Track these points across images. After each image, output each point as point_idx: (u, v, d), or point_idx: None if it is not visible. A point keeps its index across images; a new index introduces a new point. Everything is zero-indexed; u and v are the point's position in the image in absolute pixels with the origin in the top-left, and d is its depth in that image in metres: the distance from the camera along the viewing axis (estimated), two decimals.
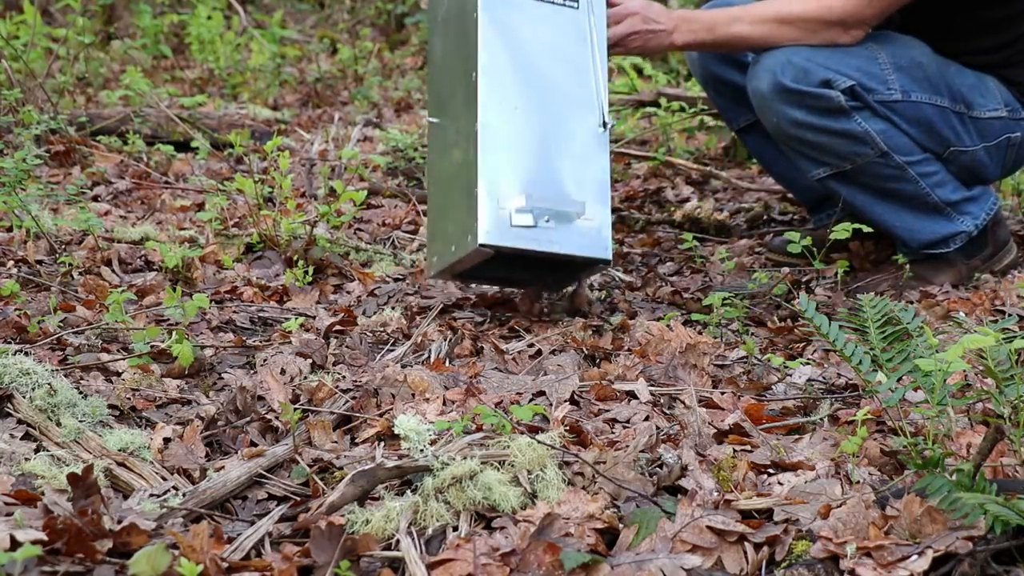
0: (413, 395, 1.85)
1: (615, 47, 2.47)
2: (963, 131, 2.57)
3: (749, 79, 2.54)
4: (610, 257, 2.27)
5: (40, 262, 2.57)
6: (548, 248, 2.22)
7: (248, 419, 1.78)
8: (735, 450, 1.63)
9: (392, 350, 2.16)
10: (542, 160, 2.26)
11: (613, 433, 1.72)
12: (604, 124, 2.31)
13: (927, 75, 2.53)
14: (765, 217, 3.37)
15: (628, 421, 1.78)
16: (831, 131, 2.47)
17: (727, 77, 2.82)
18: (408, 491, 1.48)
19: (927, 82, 2.53)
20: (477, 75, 2.23)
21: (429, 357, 2.10)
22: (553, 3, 2.31)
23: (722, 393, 1.90)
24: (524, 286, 2.46)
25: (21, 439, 1.62)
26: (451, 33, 2.41)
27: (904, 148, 2.51)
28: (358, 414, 1.80)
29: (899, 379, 1.60)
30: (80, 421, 1.67)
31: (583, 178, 2.27)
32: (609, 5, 2.42)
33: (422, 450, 1.58)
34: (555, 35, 2.31)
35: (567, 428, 1.68)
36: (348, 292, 2.58)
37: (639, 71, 4.90)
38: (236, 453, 1.66)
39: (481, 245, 2.18)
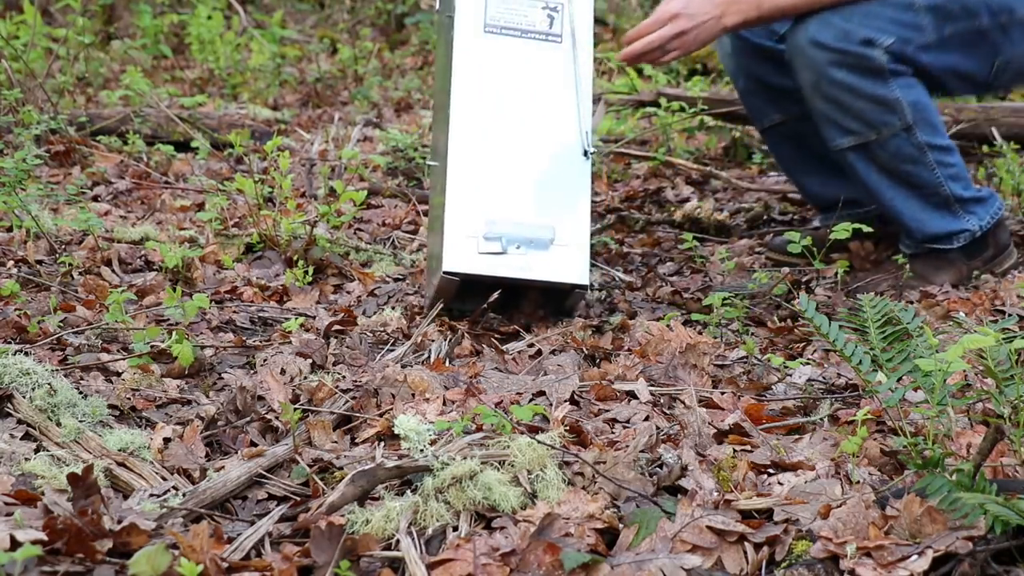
0: (413, 395, 1.85)
1: (668, 52, 2.49)
2: (1006, 40, 2.59)
3: (789, 42, 2.57)
4: (586, 283, 2.28)
5: (40, 262, 2.57)
6: (518, 275, 2.24)
7: (248, 419, 1.78)
8: (735, 450, 1.63)
9: (392, 350, 2.16)
10: (517, 189, 2.29)
11: (613, 433, 1.72)
12: (586, 153, 2.33)
13: (963, 2, 2.55)
14: (765, 217, 3.37)
15: (628, 421, 1.78)
16: (866, 95, 2.50)
17: (763, 75, 2.83)
18: (408, 491, 1.48)
19: (963, 9, 2.55)
20: (450, 108, 2.29)
21: (429, 357, 2.10)
22: (535, 38, 2.35)
23: (722, 393, 1.90)
24: (518, 310, 2.44)
25: (21, 439, 1.62)
26: (440, 70, 2.48)
27: (928, 127, 2.55)
28: (358, 414, 1.80)
29: (899, 379, 1.60)
30: (80, 421, 1.67)
31: (562, 206, 2.30)
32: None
33: (422, 450, 1.58)
34: (536, 69, 2.35)
35: (567, 428, 1.68)
36: (348, 292, 2.58)
37: (639, 71, 4.90)
38: (236, 453, 1.66)
39: (445, 272, 2.22)
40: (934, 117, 2.58)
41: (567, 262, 2.27)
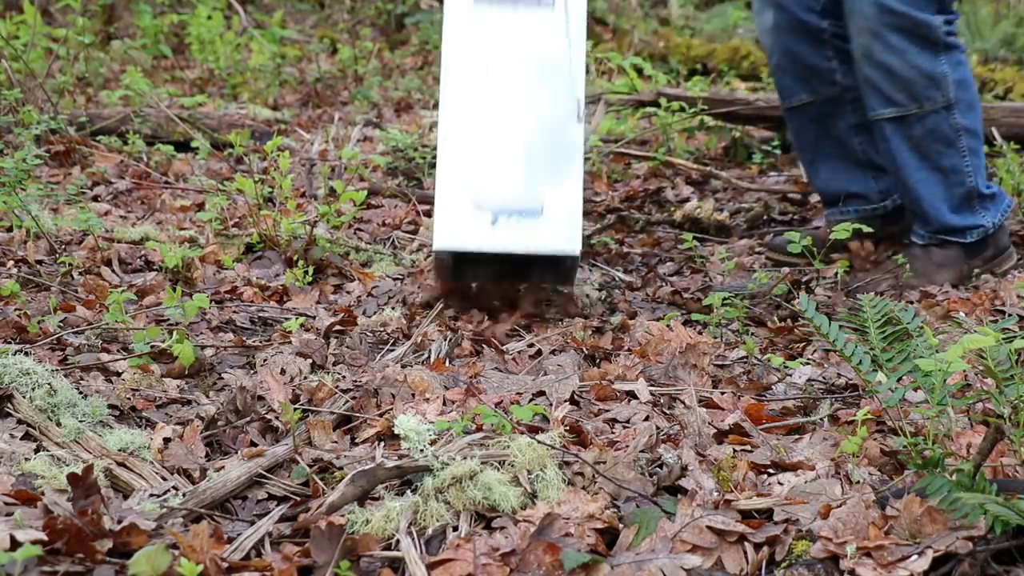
0: (413, 395, 1.85)
1: None
2: None
3: (849, 2, 2.60)
4: (577, 252, 2.25)
5: (40, 262, 2.57)
6: (509, 248, 2.23)
7: (248, 419, 1.78)
8: (735, 450, 1.63)
9: (392, 350, 2.16)
10: (508, 160, 2.27)
11: (613, 433, 1.72)
12: (579, 119, 2.30)
13: None
14: (765, 217, 3.37)
15: (628, 421, 1.78)
16: (916, 65, 2.55)
17: (798, 52, 2.83)
18: (408, 491, 1.48)
19: None
20: (441, 82, 2.29)
21: (429, 357, 2.10)
22: (527, 5, 2.33)
23: (722, 393, 1.90)
24: (519, 281, 2.45)
25: (21, 439, 1.62)
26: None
27: (967, 109, 2.61)
28: (358, 414, 1.80)
29: (899, 379, 1.60)
30: (80, 421, 1.67)
31: (554, 175, 2.27)
32: None
33: (422, 450, 1.58)
34: (528, 37, 2.33)
35: (567, 428, 1.68)
36: (348, 292, 2.58)
37: (639, 71, 4.90)
38: (236, 453, 1.66)
39: (436, 251, 2.22)
40: (975, 100, 2.64)
41: (558, 232, 2.24)
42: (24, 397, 1.69)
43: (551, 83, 2.32)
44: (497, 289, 2.47)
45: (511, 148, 2.28)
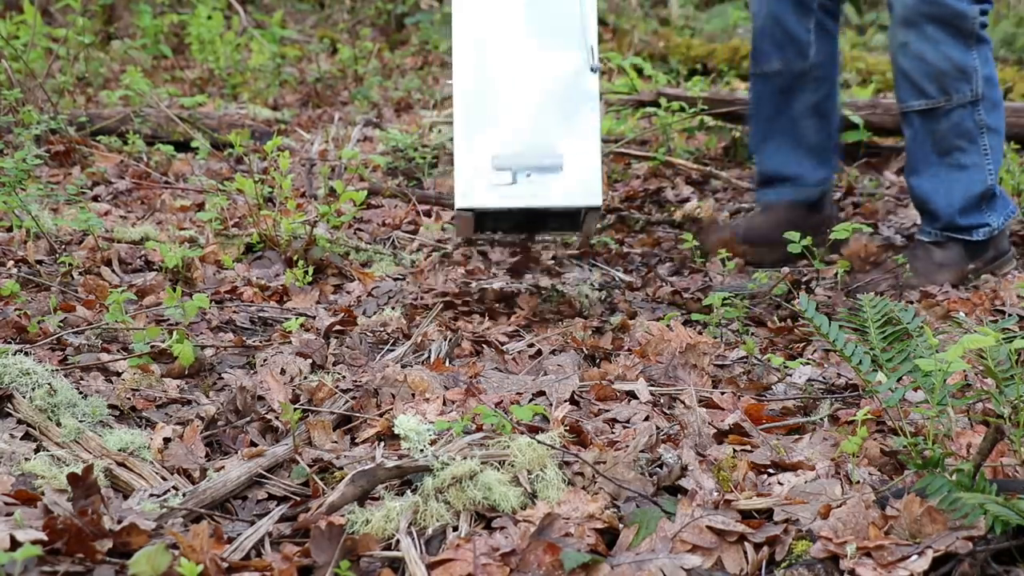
0: (413, 395, 1.85)
1: None
2: None
3: None
4: (599, 203, 2.25)
5: (40, 262, 2.57)
6: (530, 203, 2.23)
7: (248, 419, 1.78)
8: (735, 450, 1.63)
9: (392, 350, 2.16)
10: (524, 116, 2.26)
11: (613, 433, 1.72)
12: (593, 69, 2.28)
13: None
14: None
15: (628, 421, 1.78)
16: (949, 58, 2.60)
17: (783, 17, 2.86)
18: (408, 491, 1.48)
19: None
20: (453, 40, 2.28)
21: (429, 357, 2.10)
22: None
23: (722, 393, 1.90)
24: (537, 233, 2.50)
25: (21, 439, 1.62)
26: None
27: (992, 106, 2.66)
28: (358, 414, 1.80)
29: (899, 379, 1.60)
30: (80, 421, 1.67)
31: (570, 127, 2.26)
32: None
33: (422, 450, 1.58)
34: None
35: (567, 428, 1.67)
36: (348, 292, 2.58)
37: (639, 71, 4.90)
38: (236, 453, 1.66)
39: (458, 209, 2.24)
40: (999, 99, 2.68)
41: (579, 185, 2.24)
42: (24, 397, 1.69)
43: (563, 33, 2.30)
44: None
45: (526, 103, 2.27)
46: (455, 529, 1.42)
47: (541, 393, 1.88)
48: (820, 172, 2.94)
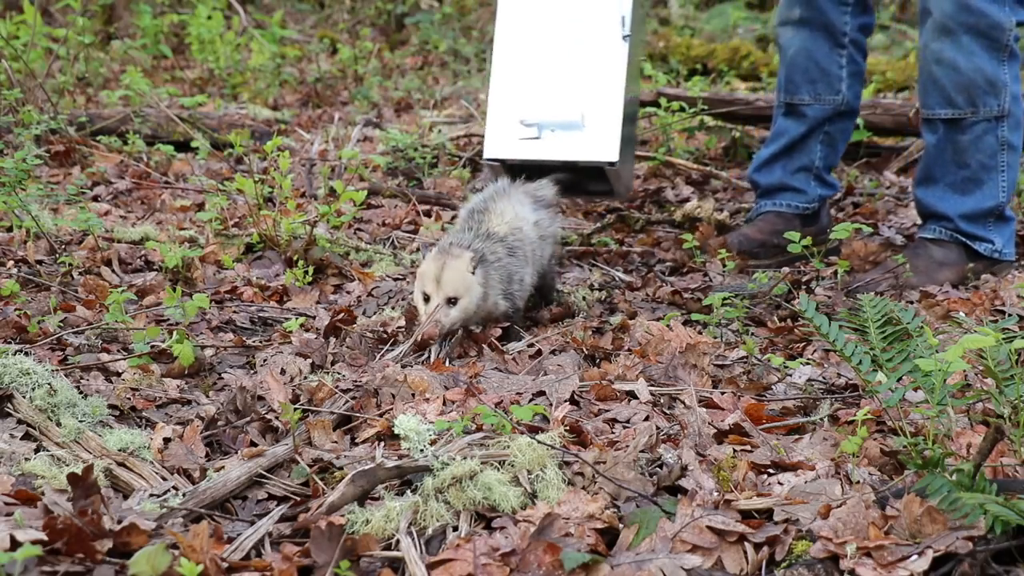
0: (413, 395, 1.85)
1: None
2: None
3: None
4: (614, 159, 2.51)
5: (40, 262, 2.57)
6: (552, 157, 2.53)
7: (248, 419, 1.78)
8: (735, 450, 1.63)
9: (392, 350, 2.16)
10: (553, 79, 2.55)
11: (613, 433, 1.72)
12: (624, 37, 2.53)
13: None
14: None
15: (628, 421, 1.78)
16: (980, 69, 2.62)
17: (816, 53, 2.89)
18: (408, 491, 1.48)
19: None
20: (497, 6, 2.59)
21: (429, 357, 2.10)
22: None
23: (722, 393, 1.90)
24: (577, 195, 2.81)
25: (21, 439, 1.62)
26: None
27: (1015, 124, 2.68)
28: (358, 414, 1.80)
29: (899, 379, 1.60)
30: (80, 421, 1.67)
31: (595, 89, 2.52)
32: None
33: (422, 450, 1.58)
34: None
35: (567, 428, 1.67)
36: (348, 292, 2.58)
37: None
38: (236, 453, 1.66)
39: (487, 159, 2.55)
40: (1022, 118, 2.69)
41: (597, 141, 2.51)
42: (24, 397, 1.69)
43: (598, 3, 2.56)
44: None
45: (556, 66, 2.55)
46: (455, 529, 1.42)
47: (541, 393, 1.88)
48: (821, 190, 3.01)
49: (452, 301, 2.10)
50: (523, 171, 2.52)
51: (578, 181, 2.63)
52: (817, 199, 3.01)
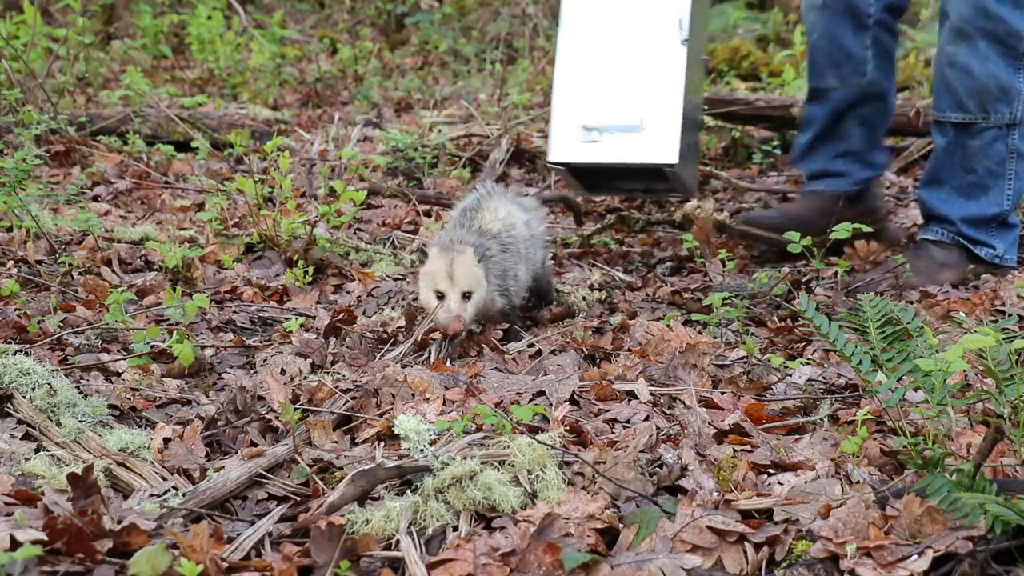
0: (413, 395, 1.85)
1: None
2: None
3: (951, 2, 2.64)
4: (675, 160, 2.57)
5: (40, 262, 2.57)
6: (613, 159, 2.60)
7: (248, 419, 1.78)
8: (735, 450, 1.63)
9: (392, 350, 2.16)
10: (613, 83, 2.61)
11: (613, 433, 1.72)
12: (682, 42, 2.59)
13: None
14: None
15: (628, 421, 1.78)
16: (994, 75, 2.60)
17: (840, 36, 2.88)
18: (408, 491, 1.48)
19: None
20: (561, 12, 2.66)
21: (429, 357, 2.10)
22: None
23: (722, 393, 1.90)
24: (643, 195, 2.91)
25: (21, 439, 1.62)
26: None
27: None
28: (358, 414, 1.80)
29: (899, 379, 1.60)
30: (80, 421, 1.67)
31: (655, 93, 2.59)
32: None
33: (422, 450, 1.58)
34: None
35: (567, 428, 1.67)
36: (348, 292, 2.58)
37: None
38: (236, 453, 1.66)
39: (550, 163, 2.63)
40: None
41: (656, 144, 2.57)
42: (24, 397, 1.69)
43: (658, 8, 2.61)
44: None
45: (617, 71, 2.62)
46: (455, 529, 1.42)
47: (541, 393, 1.88)
48: (864, 172, 2.98)
49: (467, 295, 2.11)
50: (586, 175, 2.61)
51: (645, 183, 2.73)
52: (861, 181, 2.97)
